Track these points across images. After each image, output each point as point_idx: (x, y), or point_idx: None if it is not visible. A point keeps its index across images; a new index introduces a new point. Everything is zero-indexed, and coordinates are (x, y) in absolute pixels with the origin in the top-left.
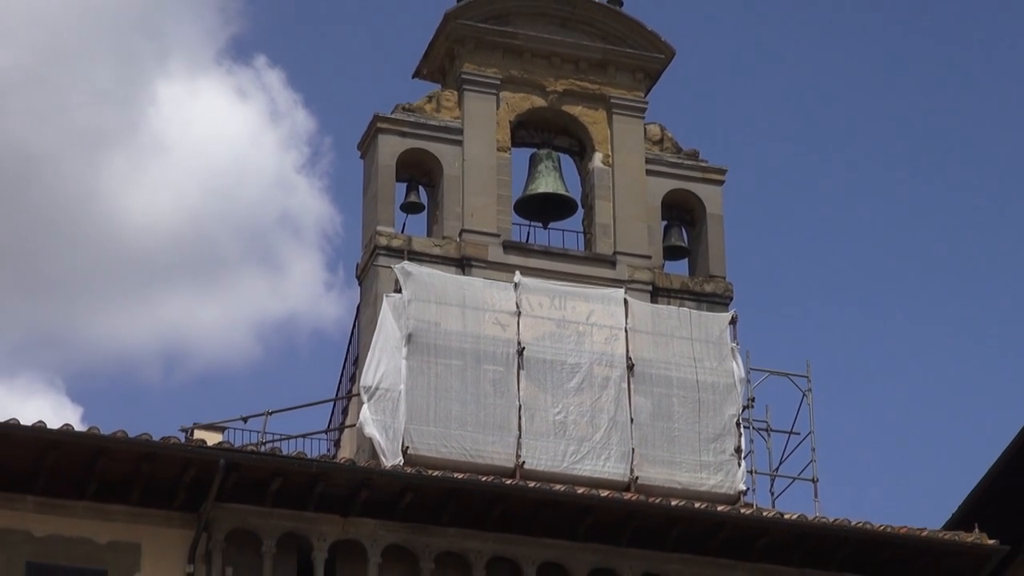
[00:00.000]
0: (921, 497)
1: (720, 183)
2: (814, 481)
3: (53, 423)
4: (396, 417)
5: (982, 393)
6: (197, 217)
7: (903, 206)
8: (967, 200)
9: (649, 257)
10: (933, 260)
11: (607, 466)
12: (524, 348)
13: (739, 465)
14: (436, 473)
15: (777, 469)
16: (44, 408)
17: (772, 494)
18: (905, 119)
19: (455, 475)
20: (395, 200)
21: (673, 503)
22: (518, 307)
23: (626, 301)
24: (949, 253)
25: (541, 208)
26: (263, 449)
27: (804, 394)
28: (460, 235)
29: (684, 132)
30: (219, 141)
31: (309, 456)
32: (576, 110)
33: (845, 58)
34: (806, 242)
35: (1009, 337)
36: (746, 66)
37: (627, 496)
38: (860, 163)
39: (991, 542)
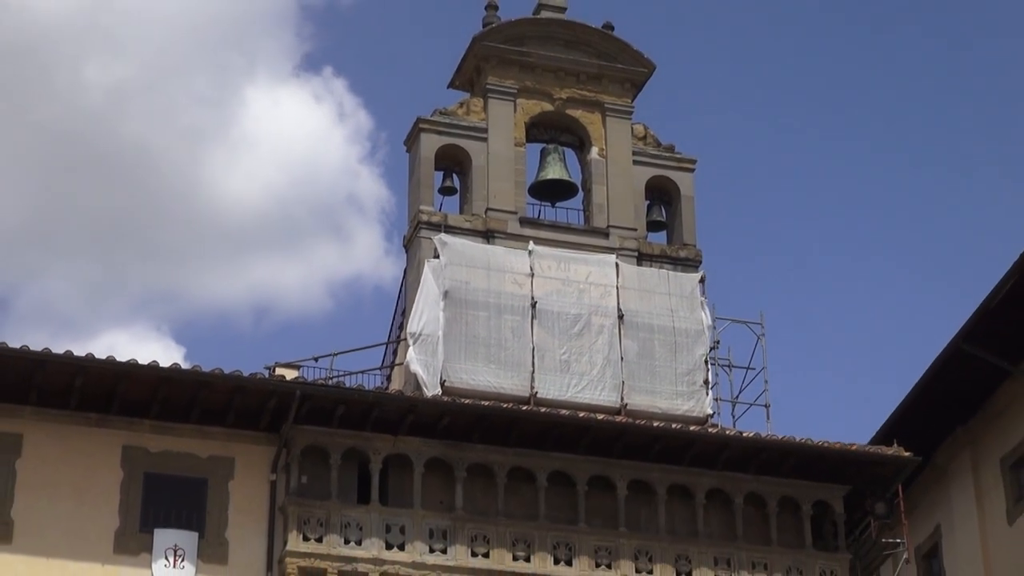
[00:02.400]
0: (852, 418)
1: (691, 171)
2: (766, 407)
3: (164, 362)
4: (436, 357)
5: (902, 332)
6: (280, 198)
7: (837, 191)
8: (891, 179)
9: (635, 229)
10: (854, 233)
11: (602, 395)
12: (536, 302)
13: (707, 394)
14: (467, 401)
15: (737, 397)
16: (156, 350)
17: (733, 417)
18: (837, 117)
19: (482, 402)
20: (434, 185)
21: (655, 424)
22: (531, 269)
23: (617, 264)
24: (868, 226)
25: (550, 191)
26: (331, 383)
27: (758, 338)
28: (485, 212)
29: (663, 130)
30: (298, 137)
31: (367, 388)
32: (577, 113)
33: (796, 68)
34: (761, 217)
35: (925, 288)
36: (713, 77)
37: (618, 419)
38: (807, 153)
39: (907, 454)
